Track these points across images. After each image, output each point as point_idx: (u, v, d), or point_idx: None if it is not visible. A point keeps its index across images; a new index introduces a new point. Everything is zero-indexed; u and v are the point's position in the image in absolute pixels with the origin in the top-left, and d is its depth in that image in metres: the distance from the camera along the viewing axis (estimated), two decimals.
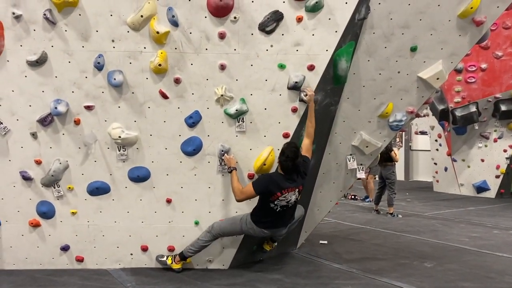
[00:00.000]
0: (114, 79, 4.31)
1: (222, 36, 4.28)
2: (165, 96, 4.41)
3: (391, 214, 8.55)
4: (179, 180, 4.61)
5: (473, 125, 10.83)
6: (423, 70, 4.63)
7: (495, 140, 11.04)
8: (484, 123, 10.92)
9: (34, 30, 4.26)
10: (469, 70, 10.23)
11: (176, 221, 4.68)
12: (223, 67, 4.36)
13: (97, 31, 4.26)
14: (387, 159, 8.60)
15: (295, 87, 4.38)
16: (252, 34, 4.30)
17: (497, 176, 11.18)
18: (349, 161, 5.03)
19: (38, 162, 4.53)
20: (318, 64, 4.37)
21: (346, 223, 7.77)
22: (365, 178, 10.85)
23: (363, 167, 5.12)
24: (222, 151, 4.50)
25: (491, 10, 4.43)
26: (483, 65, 10.08)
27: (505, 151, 11.01)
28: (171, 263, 4.59)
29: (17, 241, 4.69)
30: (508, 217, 8.43)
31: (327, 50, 4.35)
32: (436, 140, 12.32)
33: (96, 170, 4.57)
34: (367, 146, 4.94)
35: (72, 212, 4.65)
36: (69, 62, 4.34)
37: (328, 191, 5.24)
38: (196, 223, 4.68)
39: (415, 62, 4.61)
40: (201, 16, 4.24)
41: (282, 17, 4.27)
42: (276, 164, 4.38)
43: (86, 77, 4.37)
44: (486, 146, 11.18)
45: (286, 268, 4.86)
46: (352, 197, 11.10)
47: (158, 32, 4.17)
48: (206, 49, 4.33)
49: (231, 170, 4.38)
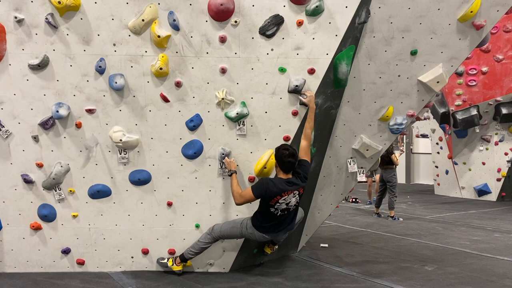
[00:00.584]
0: (116, 83, 4.33)
1: (223, 40, 4.30)
2: (166, 100, 4.42)
3: (392, 217, 8.55)
4: (180, 183, 4.62)
5: (474, 128, 10.83)
6: (424, 74, 4.64)
7: (496, 143, 11.04)
8: (485, 126, 10.92)
9: (36, 34, 4.29)
10: (470, 73, 10.23)
11: (177, 224, 4.69)
12: (224, 71, 4.37)
13: (99, 35, 4.29)
14: (388, 162, 8.61)
15: (296, 91, 4.39)
16: (253, 38, 4.32)
17: (498, 179, 11.19)
18: (350, 164, 5.04)
19: (40, 165, 4.54)
20: (319, 68, 4.39)
21: (347, 226, 7.77)
22: (370, 182, 10.89)
23: (364, 170, 5.13)
24: (223, 154, 4.51)
25: (491, 14, 4.44)
26: (484, 68, 10.09)
27: (506, 154, 11.02)
28: (172, 265, 4.60)
29: (18, 244, 4.70)
30: (509, 221, 8.42)
31: (328, 54, 4.36)
32: (437, 143, 12.33)
33: (97, 173, 4.58)
34: (368, 150, 4.95)
35: (73, 215, 4.66)
36: (71, 66, 4.36)
37: (329, 194, 5.25)
38: (197, 226, 4.69)
39: (416, 66, 4.62)
40: (202, 20, 4.26)
41: (283, 21, 4.28)
42: None
43: (88, 81, 4.40)
44: (487, 149, 11.18)
45: (287, 272, 4.86)
46: (353, 200, 11.10)
47: (159, 36, 4.19)
48: (207, 53, 4.35)
49: (232, 174, 4.39)
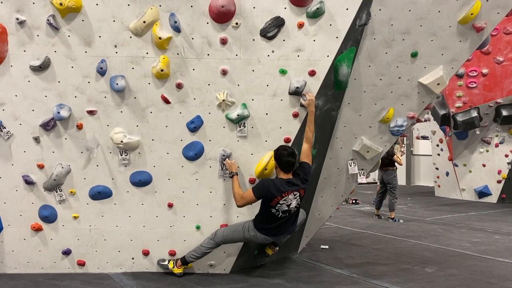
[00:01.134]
0: (117, 84, 4.34)
1: (224, 42, 4.31)
2: (167, 101, 4.43)
3: (392, 219, 8.54)
4: (181, 185, 4.63)
5: (475, 130, 10.82)
6: (424, 76, 4.65)
7: (497, 145, 11.04)
8: (486, 128, 10.92)
9: (38, 36, 4.30)
10: (470, 75, 10.22)
11: (178, 226, 4.70)
12: (225, 73, 4.38)
13: (100, 37, 4.30)
14: (389, 164, 8.61)
15: (296, 92, 4.40)
16: (254, 40, 4.33)
17: (499, 181, 11.17)
18: (350, 166, 5.04)
19: (41, 167, 4.55)
20: (319, 70, 4.39)
21: (347, 228, 7.77)
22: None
23: (364, 172, 5.14)
24: (224, 156, 4.52)
25: (491, 16, 4.45)
26: (484, 70, 10.09)
27: (507, 156, 11.01)
28: (173, 267, 4.60)
29: (19, 245, 4.71)
30: (510, 222, 8.42)
31: (328, 56, 4.36)
32: (438, 145, 12.32)
33: (98, 175, 4.59)
34: (368, 151, 4.95)
35: (74, 216, 4.67)
36: (72, 67, 4.37)
37: (329, 196, 5.25)
38: (198, 228, 4.69)
39: (416, 68, 4.63)
40: (203, 22, 4.28)
41: (284, 23, 4.29)
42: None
43: (89, 82, 4.40)
44: (488, 151, 11.18)
45: (287, 273, 4.86)
46: (353, 202, 11.09)
47: (161, 38, 4.20)
48: (208, 55, 4.35)
49: (233, 175, 4.39)
